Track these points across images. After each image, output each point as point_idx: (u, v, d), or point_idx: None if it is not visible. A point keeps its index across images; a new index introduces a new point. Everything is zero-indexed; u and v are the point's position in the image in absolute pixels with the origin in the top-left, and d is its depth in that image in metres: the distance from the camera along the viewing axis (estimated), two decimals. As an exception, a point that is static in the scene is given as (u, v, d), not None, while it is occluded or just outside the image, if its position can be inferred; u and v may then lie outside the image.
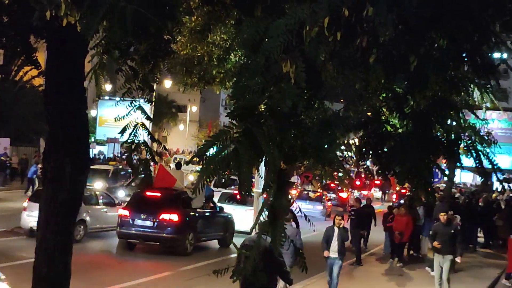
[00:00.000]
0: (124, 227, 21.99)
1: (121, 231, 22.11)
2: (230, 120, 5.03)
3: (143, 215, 21.79)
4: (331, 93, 5.81)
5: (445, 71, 5.93)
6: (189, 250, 22.20)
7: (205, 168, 4.76)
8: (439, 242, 17.56)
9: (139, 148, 8.48)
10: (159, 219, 21.63)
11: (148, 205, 22.01)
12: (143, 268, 19.46)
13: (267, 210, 5.15)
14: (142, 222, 21.78)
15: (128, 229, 21.85)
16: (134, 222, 21.80)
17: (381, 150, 6.31)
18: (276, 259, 9.95)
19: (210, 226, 23.87)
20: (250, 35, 5.16)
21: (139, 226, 21.76)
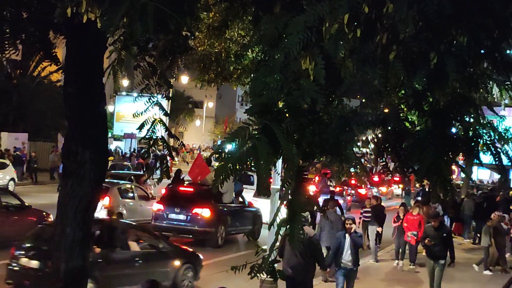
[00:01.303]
0: (158, 220, 22.98)
1: (156, 224, 22.91)
2: (249, 116, 5.04)
3: (176, 209, 22.68)
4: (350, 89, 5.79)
5: (465, 68, 5.90)
6: (220, 242, 22.87)
7: (223, 165, 4.77)
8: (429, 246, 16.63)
9: (157, 143, 8.52)
10: (192, 213, 22.49)
11: (182, 200, 23.01)
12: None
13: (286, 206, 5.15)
14: (176, 216, 22.68)
15: (163, 222, 22.73)
16: (168, 215, 22.74)
17: (399, 147, 6.29)
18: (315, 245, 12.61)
19: (239, 220, 24.51)
20: (269, 32, 5.16)
21: (173, 219, 22.67)
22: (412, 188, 45.46)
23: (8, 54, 8.51)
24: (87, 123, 8.30)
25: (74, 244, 8.25)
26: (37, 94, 46.39)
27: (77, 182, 8.20)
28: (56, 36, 8.70)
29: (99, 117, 8.55)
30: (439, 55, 5.35)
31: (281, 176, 10.12)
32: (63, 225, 8.28)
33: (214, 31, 13.43)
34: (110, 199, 23.39)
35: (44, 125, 47.24)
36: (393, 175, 8.07)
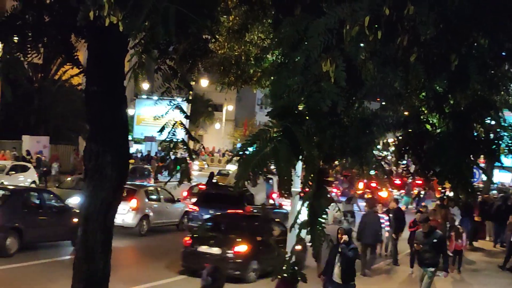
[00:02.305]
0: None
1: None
2: (270, 119, 5.05)
3: (211, 210, 23.06)
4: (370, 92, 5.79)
5: (486, 70, 5.88)
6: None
7: (244, 167, 4.79)
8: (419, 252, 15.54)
9: (177, 146, 8.55)
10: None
11: (216, 202, 23.76)
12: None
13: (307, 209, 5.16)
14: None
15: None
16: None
17: (420, 149, 6.28)
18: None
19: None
20: (290, 34, 5.17)
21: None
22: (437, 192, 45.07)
23: (30, 57, 8.58)
24: (108, 126, 8.35)
25: (96, 246, 8.31)
26: (58, 97, 46.67)
27: (98, 184, 8.26)
28: (77, 40, 8.76)
29: (120, 120, 8.60)
30: (460, 57, 5.34)
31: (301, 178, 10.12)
32: (84, 227, 8.33)
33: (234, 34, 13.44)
34: (137, 201, 23.83)
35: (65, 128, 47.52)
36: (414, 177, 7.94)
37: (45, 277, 15.58)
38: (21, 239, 18.33)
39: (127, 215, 23.43)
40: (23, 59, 8.50)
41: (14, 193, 19.73)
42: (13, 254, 17.95)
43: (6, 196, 19.26)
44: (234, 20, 13.15)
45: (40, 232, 19.09)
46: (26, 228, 18.47)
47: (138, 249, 22.35)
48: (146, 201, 24.94)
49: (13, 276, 16.13)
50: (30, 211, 19.43)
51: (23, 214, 18.97)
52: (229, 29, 13.57)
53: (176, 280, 17.26)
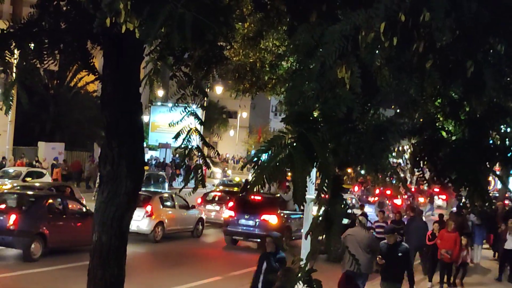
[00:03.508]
0: (230, 225, 25.64)
1: (227, 229, 25.82)
2: (285, 125, 5.05)
3: (246, 216, 25.27)
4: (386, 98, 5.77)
5: (502, 77, 5.84)
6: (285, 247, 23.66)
7: (259, 174, 4.79)
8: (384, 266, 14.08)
9: (192, 153, 8.58)
10: (261, 220, 24.97)
11: (251, 208, 25.32)
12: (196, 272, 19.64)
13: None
14: (246, 222, 25.32)
15: (234, 228, 25.52)
16: (238, 221, 25.38)
17: (436, 156, 6.25)
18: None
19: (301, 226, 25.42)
20: (305, 41, 5.18)
21: (243, 225, 25.35)
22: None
23: (46, 64, 8.63)
24: (124, 132, 8.38)
25: (111, 252, 8.33)
26: (74, 104, 46.97)
27: (113, 191, 8.28)
28: (93, 46, 8.81)
29: (136, 126, 8.63)
30: (476, 64, 5.31)
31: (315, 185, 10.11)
32: (99, 233, 8.36)
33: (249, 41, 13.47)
34: (152, 207, 23.99)
35: (81, 135, 47.80)
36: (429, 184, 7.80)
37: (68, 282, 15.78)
38: (45, 244, 18.59)
39: (142, 222, 23.61)
40: (39, 66, 8.56)
41: (38, 199, 20.00)
42: (38, 259, 18.20)
43: (30, 201, 19.55)
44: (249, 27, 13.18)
45: (63, 237, 19.34)
46: (50, 233, 18.73)
47: (153, 255, 22.44)
48: (161, 207, 25.14)
49: (37, 280, 16.42)
50: (54, 217, 19.68)
51: (48, 219, 19.22)
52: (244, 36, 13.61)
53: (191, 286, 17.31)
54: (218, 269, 20.33)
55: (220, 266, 21.39)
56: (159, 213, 24.70)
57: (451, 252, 19.34)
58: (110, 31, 6.14)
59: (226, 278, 19.15)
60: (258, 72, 15.92)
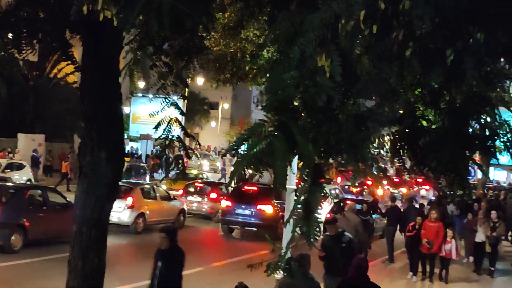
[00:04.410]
0: (227, 215, 26.33)
1: (224, 218, 26.54)
2: (265, 113, 5.03)
3: (243, 205, 26.04)
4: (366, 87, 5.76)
5: (482, 66, 5.85)
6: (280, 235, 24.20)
7: (239, 162, 4.77)
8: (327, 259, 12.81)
9: (172, 143, 8.54)
10: (257, 209, 25.76)
11: (247, 198, 26.41)
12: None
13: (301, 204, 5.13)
14: (242, 211, 26.03)
15: (231, 217, 26.23)
16: (235, 211, 26.07)
17: (416, 145, 6.26)
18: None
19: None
20: (285, 29, 5.15)
21: (240, 214, 26.01)
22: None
23: (25, 54, 8.55)
24: (103, 123, 8.33)
25: (91, 243, 8.29)
26: (54, 95, 46.59)
27: (93, 181, 8.23)
28: (72, 36, 8.74)
29: (115, 117, 8.57)
30: (455, 52, 5.31)
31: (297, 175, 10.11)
32: (79, 224, 8.32)
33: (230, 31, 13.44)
34: (133, 199, 23.93)
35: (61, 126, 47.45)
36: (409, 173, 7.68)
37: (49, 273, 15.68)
38: (26, 236, 18.50)
39: (123, 213, 23.53)
40: (17, 55, 8.48)
41: (18, 190, 19.87)
42: (18, 251, 18.11)
43: (10, 193, 19.41)
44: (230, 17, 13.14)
45: (44, 229, 19.23)
46: (31, 225, 18.63)
47: (134, 247, 22.37)
48: (142, 199, 25.04)
49: (18, 272, 16.34)
50: (35, 208, 19.57)
51: (28, 211, 19.11)
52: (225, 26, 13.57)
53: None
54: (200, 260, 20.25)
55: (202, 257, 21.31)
56: (140, 205, 24.59)
57: (432, 243, 18.82)
58: (88, 20, 6.08)
59: (208, 269, 19.13)
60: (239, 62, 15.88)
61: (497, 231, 20.84)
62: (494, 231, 20.76)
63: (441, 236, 18.92)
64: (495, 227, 20.81)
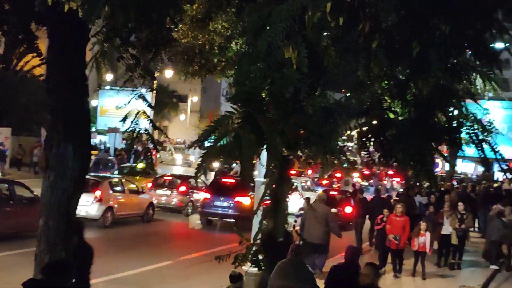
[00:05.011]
0: (206, 207, 26.86)
1: (203, 210, 27.01)
2: (232, 105, 5.01)
3: (221, 197, 26.60)
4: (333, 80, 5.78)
5: (448, 58, 5.90)
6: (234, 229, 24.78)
7: (206, 154, 4.76)
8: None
9: (140, 136, 8.49)
10: (235, 201, 26.22)
11: (225, 190, 27.02)
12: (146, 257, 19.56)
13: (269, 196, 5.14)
14: (221, 203, 26.56)
15: (209, 209, 26.72)
16: (214, 203, 26.61)
17: (383, 137, 6.30)
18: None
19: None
20: (252, 21, 5.14)
21: (218, 206, 26.51)
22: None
23: (-10, 46, 8.44)
24: (70, 115, 8.25)
25: (58, 237, 8.22)
26: (20, 88, 46.03)
27: (59, 175, 8.16)
28: (38, 28, 8.63)
29: (82, 110, 8.49)
30: (421, 44, 5.35)
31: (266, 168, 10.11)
32: (46, 218, 8.24)
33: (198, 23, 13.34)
34: (101, 192, 23.76)
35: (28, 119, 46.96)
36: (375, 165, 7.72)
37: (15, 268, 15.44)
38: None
39: (91, 207, 23.37)
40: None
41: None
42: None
43: None
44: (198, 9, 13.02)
45: (11, 223, 19.02)
46: None
47: (102, 241, 22.19)
48: (111, 192, 24.88)
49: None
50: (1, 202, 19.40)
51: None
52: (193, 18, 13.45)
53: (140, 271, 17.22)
54: (169, 254, 20.24)
55: (171, 250, 21.31)
56: (108, 198, 24.41)
57: (399, 238, 18.18)
58: (53, 11, 6.01)
59: (177, 262, 19.10)
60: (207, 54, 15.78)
61: (465, 223, 20.69)
62: (462, 223, 20.58)
63: (407, 230, 18.44)
64: (463, 219, 20.62)
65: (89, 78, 8.63)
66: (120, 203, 25.20)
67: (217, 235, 24.79)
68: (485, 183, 33.48)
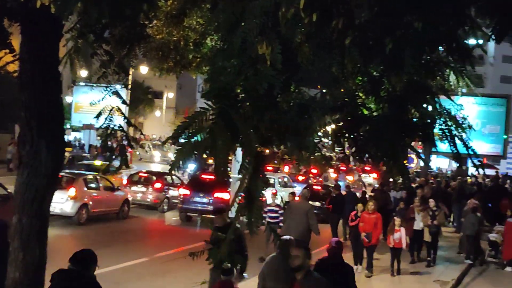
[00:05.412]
0: (185, 203, 27.26)
1: (182, 206, 27.47)
2: (206, 101, 5.01)
3: (200, 193, 27.02)
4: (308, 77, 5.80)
5: (421, 54, 5.94)
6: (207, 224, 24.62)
7: (180, 150, 4.75)
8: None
9: (115, 133, 8.45)
10: (214, 197, 26.52)
11: (205, 186, 27.12)
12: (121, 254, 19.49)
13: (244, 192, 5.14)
14: (200, 199, 27.03)
15: (189, 205, 27.16)
16: (193, 199, 27.05)
17: (357, 133, 6.33)
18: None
19: None
20: (226, 17, 5.14)
21: (198, 202, 26.97)
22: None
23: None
24: (43, 112, 8.18)
25: (32, 234, 8.16)
26: (-6, 85, 45.62)
27: (33, 172, 8.10)
28: (11, 24, 8.55)
29: (55, 106, 8.43)
30: (395, 41, 5.39)
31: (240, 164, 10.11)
32: (20, 215, 8.17)
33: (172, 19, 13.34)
34: (76, 189, 23.64)
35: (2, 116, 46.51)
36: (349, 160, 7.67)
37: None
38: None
39: (66, 204, 23.24)
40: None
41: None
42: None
43: None
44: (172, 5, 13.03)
45: None
46: None
47: (77, 238, 22.12)
48: (85, 189, 24.76)
49: None
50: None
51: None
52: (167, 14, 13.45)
53: (116, 268, 17.15)
54: (144, 251, 20.20)
55: (147, 247, 21.26)
56: (83, 195, 24.30)
57: (371, 235, 18.08)
58: (26, 7, 5.96)
59: (153, 259, 19.07)
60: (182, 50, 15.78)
61: (437, 220, 20.66)
62: (434, 219, 20.56)
63: (379, 227, 18.43)
64: (434, 216, 20.60)
65: (64, 74, 8.57)
66: (95, 200, 25.10)
67: (192, 232, 24.76)
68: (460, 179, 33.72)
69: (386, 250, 19.51)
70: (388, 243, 19.00)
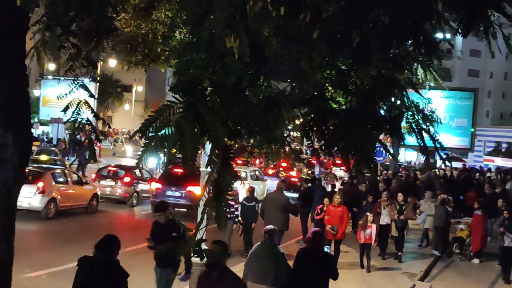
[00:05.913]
0: (158, 197, 26.73)
1: (155, 200, 26.65)
2: (174, 95, 4.99)
3: (173, 187, 27.25)
4: (277, 70, 5.80)
5: (388, 48, 5.97)
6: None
7: (148, 144, 4.73)
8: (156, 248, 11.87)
9: (83, 127, 8.38)
10: (186, 191, 26.80)
11: (177, 180, 26.98)
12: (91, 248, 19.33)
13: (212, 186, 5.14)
14: (172, 193, 27.23)
15: (161, 199, 25.50)
16: (165, 193, 27.09)
17: (325, 126, 6.35)
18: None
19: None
20: (194, 10, 5.12)
21: (170, 196, 26.83)
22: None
23: None
24: (9, 105, 8.08)
25: (-2, 229, 8.07)
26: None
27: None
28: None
29: (22, 99, 8.33)
30: (362, 34, 5.41)
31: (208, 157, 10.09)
32: (-15, 210, 8.08)
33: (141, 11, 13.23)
34: (44, 184, 23.42)
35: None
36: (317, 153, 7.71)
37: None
38: None
39: (34, 198, 23.01)
40: None
41: None
42: None
43: None
44: (141, -2, 12.94)
45: None
46: None
47: (45, 233, 21.94)
48: (53, 183, 24.53)
49: None
50: None
51: None
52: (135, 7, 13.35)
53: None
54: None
55: (116, 241, 21.15)
56: (51, 190, 24.07)
57: (337, 228, 17.87)
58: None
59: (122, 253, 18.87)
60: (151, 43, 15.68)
61: (404, 214, 20.57)
62: (401, 214, 20.43)
63: (345, 221, 18.22)
64: (402, 210, 20.49)
65: (31, 67, 8.47)
66: (63, 194, 24.89)
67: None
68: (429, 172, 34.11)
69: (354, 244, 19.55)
70: (358, 238, 18.83)
